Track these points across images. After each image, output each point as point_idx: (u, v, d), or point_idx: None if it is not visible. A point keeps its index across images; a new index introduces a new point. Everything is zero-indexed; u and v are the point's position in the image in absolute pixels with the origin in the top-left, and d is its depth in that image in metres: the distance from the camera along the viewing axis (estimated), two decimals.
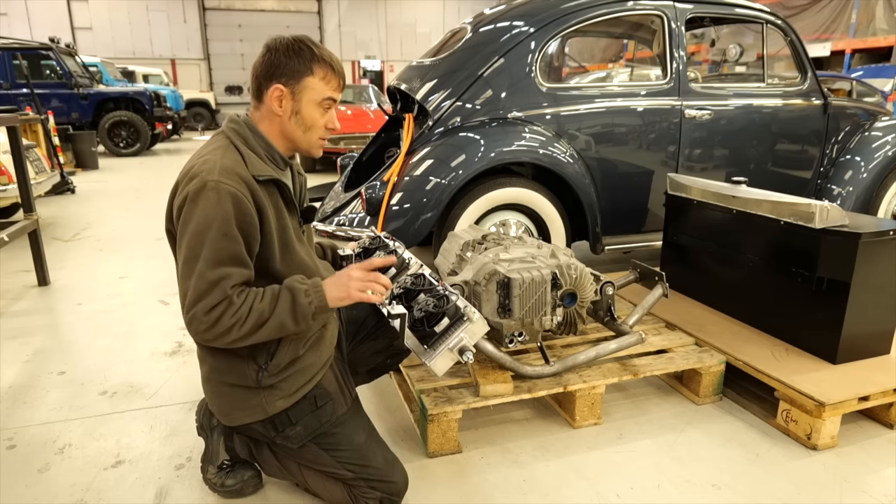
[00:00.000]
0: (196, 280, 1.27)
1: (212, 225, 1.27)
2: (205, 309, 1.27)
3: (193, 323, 1.29)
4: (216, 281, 1.27)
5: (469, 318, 1.48)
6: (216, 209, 1.27)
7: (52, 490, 1.68)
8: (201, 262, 1.27)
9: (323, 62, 1.40)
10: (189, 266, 1.29)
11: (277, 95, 1.39)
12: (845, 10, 12.00)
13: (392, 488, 1.50)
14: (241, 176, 1.32)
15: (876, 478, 1.72)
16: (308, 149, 1.48)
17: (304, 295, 1.33)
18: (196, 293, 1.27)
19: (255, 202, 1.33)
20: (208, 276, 1.27)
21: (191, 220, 1.28)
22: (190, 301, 1.28)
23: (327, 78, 1.41)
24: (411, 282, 1.66)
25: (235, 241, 1.29)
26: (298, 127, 1.43)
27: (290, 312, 1.32)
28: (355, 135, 7.71)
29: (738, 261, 2.38)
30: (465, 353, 1.46)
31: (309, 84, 1.39)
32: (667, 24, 3.07)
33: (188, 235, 1.29)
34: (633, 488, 1.68)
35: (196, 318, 1.28)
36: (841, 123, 3.44)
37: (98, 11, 18.83)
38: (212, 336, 1.29)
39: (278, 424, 1.45)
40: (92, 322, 2.94)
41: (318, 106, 1.42)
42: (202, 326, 1.28)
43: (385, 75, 22.32)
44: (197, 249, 1.28)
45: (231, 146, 1.38)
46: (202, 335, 1.30)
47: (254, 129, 1.42)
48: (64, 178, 6.43)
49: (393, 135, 3.80)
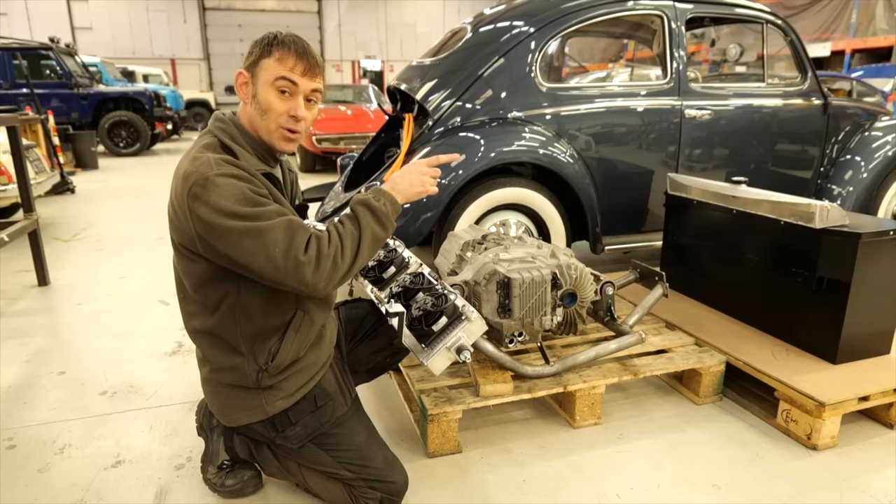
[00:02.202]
0: (269, 237, 1.21)
1: (236, 204, 1.22)
2: (300, 249, 1.22)
3: (300, 269, 1.22)
4: (287, 224, 1.23)
5: (467, 318, 1.47)
6: (230, 190, 1.23)
7: (52, 490, 1.68)
8: (256, 224, 1.21)
9: (282, 45, 1.35)
10: (252, 237, 1.21)
11: (242, 81, 1.38)
12: (845, 10, 12.01)
13: (392, 488, 1.49)
14: (239, 166, 1.30)
15: (876, 478, 1.72)
16: (269, 137, 1.39)
17: (375, 199, 1.36)
18: (281, 245, 1.21)
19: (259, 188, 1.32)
20: (278, 226, 1.22)
21: (214, 213, 1.22)
22: (282, 254, 1.21)
23: (283, 59, 1.34)
24: (410, 280, 1.66)
25: (268, 203, 1.26)
26: (257, 111, 1.37)
27: (375, 220, 1.34)
28: (355, 135, 7.71)
29: (739, 261, 2.38)
30: (463, 352, 1.45)
31: (263, 66, 1.35)
32: (667, 24, 3.07)
33: (222, 222, 1.21)
34: (633, 488, 1.68)
35: (300, 263, 1.21)
36: (841, 123, 3.44)
37: (98, 11, 18.84)
38: (323, 277, 1.24)
39: (278, 425, 1.45)
40: (92, 322, 2.94)
41: (272, 86, 1.35)
42: (310, 269, 1.22)
43: (385, 75, 22.33)
44: (241, 222, 1.21)
45: (219, 144, 1.36)
46: (316, 281, 1.23)
47: (239, 126, 1.40)
48: (64, 178, 6.43)
49: (393, 135, 3.80)
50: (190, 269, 1.37)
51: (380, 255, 1.84)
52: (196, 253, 1.32)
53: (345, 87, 10.89)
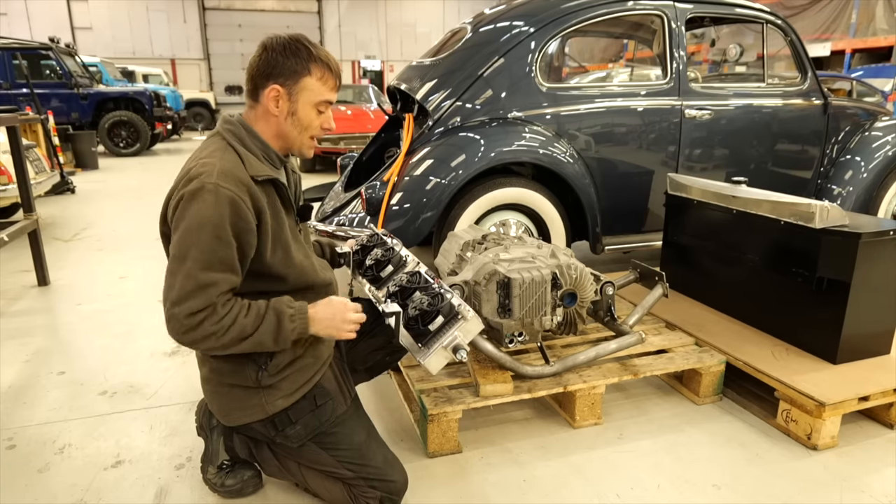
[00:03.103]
0: (182, 280, 1.25)
1: (206, 226, 1.25)
2: (187, 312, 1.24)
3: (172, 322, 1.26)
4: (204, 286, 1.25)
5: (463, 317, 1.47)
6: (212, 210, 1.25)
7: (52, 490, 1.68)
8: (190, 261, 1.25)
9: (320, 62, 1.39)
10: (177, 264, 1.26)
11: (274, 96, 1.37)
12: (845, 10, 12.00)
13: (392, 487, 1.50)
14: (241, 179, 1.30)
15: (876, 478, 1.72)
16: (300, 149, 1.47)
17: (290, 320, 1.33)
18: (180, 293, 1.25)
19: (255, 206, 1.32)
20: (196, 279, 1.25)
21: (184, 219, 1.27)
22: (173, 300, 1.26)
23: (325, 78, 1.40)
24: (407, 279, 1.65)
25: (228, 246, 1.28)
26: (294, 128, 1.42)
27: (271, 334, 1.32)
28: (355, 135, 7.72)
29: (739, 261, 2.38)
30: (459, 351, 1.45)
31: (306, 85, 1.38)
32: (667, 24, 3.07)
33: (180, 232, 1.27)
34: (633, 488, 1.68)
35: (176, 318, 1.25)
36: (841, 123, 3.44)
37: (98, 11, 18.83)
38: (188, 340, 1.28)
39: (278, 424, 1.45)
40: (92, 322, 2.94)
41: (315, 107, 1.41)
42: (181, 328, 1.26)
43: (385, 75, 22.32)
44: (187, 248, 1.26)
45: (228, 147, 1.37)
46: (179, 336, 1.28)
47: (249, 130, 1.41)
48: (64, 178, 6.43)
49: (393, 135, 3.80)
50: None
51: (377, 253, 1.83)
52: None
53: (345, 87, 10.88)
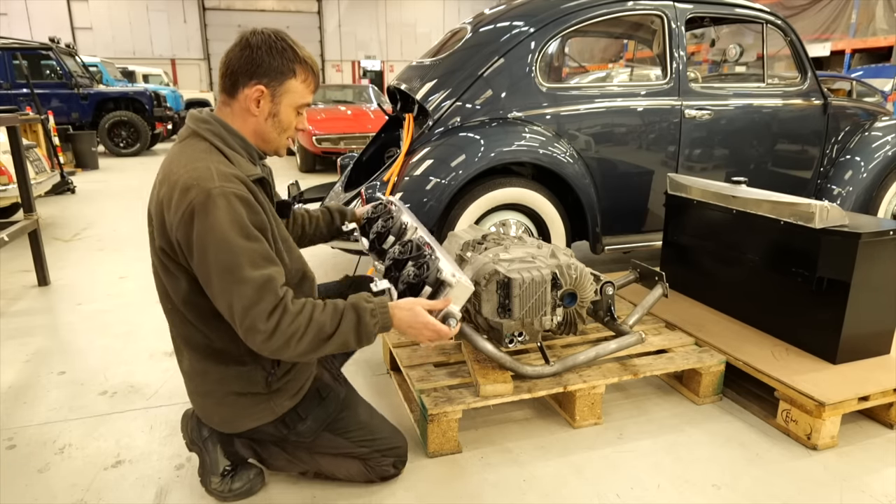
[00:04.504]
0: (240, 288, 1.20)
1: (231, 230, 1.21)
2: (262, 316, 1.20)
3: (251, 333, 1.22)
4: (263, 283, 1.21)
5: (449, 284, 1.40)
6: (230, 214, 1.22)
7: (52, 490, 1.68)
8: (237, 270, 1.20)
9: (305, 64, 1.36)
10: (226, 278, 1.21)
11: (257, 97, 1.34)
12: (845, 10, 12.00)
13: (400, 451, 1.65)
14: (239, 177, 1.29)
15: (876, 478, 1.72)
16: (277, 149, 1.45)
17: (371, 315, 1.30)
18: (246, 301, 1.20)
19: (258, 201, 1.32)
20: (253, 281, 1.20)
21: (208, 232, 1.21)
22: (241, 311, 1.21)
23: (308, 81, 1.38)
24: (399, 251, 1.60)
25: (258, 240, 1.25)
26: (274, 129, 1.40)
27: (354, 332, 1.28)
28: (355, 135, 7.71)
29: (739, 261, 2.38)
30: (449, 319, 1.38)
31: (290, 87, 1.36)
32: (667, 24, 3.07)
33: (212, 248, 1.21)
34: (633, 488, 1.68)
35: (255, 328, 1.21)
36: (841, 123, 3.44)
37: (98, 11, 18.85)
38: (272, 347, 1.23)
39: (289, 422, 1.48)
40: (92, 322, 2.94)
41: (295, 109, 1.40)
42: (261, 337, 1.22)
43: (385, 75, 22.34)
44: (227, 259, 1.21)
45: (213, 149, 1.33)
46: (261, 345, 1.23)
47: (228, 128, 1.37)
48: (64, 178, 6.42)
49: (393, 135, 3.79)
50: (174, 285, 1.36)
51: (378, 226, 1.81)
52: (176, 262, 1.31)
53: (345, 88, 10.88)
